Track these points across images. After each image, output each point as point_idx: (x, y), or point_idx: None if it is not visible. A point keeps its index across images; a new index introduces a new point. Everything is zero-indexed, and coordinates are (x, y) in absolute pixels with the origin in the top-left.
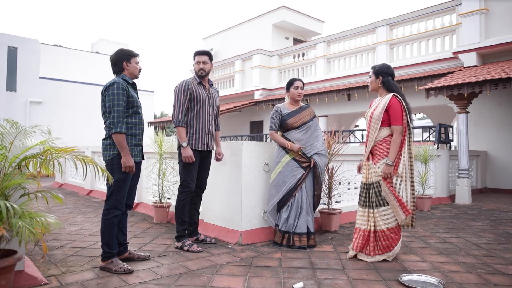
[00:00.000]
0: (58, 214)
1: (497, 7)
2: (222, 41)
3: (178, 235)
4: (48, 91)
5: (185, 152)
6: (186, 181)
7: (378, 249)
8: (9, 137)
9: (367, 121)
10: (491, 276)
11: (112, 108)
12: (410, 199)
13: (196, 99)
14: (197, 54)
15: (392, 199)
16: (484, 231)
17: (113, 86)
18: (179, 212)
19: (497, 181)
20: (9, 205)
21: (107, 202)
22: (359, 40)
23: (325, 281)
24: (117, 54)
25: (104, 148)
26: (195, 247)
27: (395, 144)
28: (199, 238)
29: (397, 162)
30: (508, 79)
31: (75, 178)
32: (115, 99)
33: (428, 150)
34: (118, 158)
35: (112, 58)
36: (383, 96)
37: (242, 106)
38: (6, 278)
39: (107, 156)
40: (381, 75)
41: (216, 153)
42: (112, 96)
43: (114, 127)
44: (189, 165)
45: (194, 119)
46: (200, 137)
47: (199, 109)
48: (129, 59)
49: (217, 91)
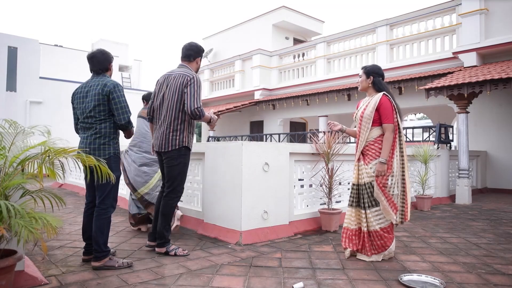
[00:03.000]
0: (58, 214)
1: (497, 7)
2: (222, 41)
3: (163, 242)
4: (48, 91)
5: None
6: (180, 186)
7: (374, 249)
8: (9, 137)
9: (357, 121)
10: (491, 276)
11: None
12: (400, 197)
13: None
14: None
15: (383, 199)
16: (484, 231)
17: (119, 87)
18: (168, 218)
19: (497, 181)
20: (9, 205)
21: (104, 202)
22: (359, 40)
23: (325, 281)
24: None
25: (98, 148)
26: (180, 250)
27: (388, 142)
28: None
29: (390, 161)
30: (508, 79)
31: (75, 178)
32: (124, 100)
33: (428, 150)
34: (114, 157)
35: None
36: (373, 96)
37: (242, 106)
38: (6, 278)
39: (103, 155)
40: (372, 75)
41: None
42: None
43: (130, 126)
44: (186, 167)
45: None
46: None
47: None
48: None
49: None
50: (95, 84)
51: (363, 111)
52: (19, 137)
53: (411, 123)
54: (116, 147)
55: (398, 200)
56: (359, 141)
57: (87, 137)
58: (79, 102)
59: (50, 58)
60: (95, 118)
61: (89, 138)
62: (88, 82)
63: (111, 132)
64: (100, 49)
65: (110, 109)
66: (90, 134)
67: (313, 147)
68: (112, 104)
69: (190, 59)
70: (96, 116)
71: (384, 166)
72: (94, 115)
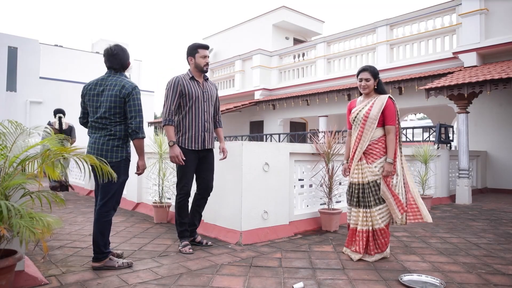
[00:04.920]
0: (58, 214)
1: (497, 7)
2: (222, 41)
3: (178, 236)
4: (48, 91)
5: (172, 151)
6: (180, 183)
7: (378, 248)
8: (11, 137)
9: (359, 121)
10: (491, 276)
11: (139, 113)
12: (404, 197)
13: (188, 96)
14: (202, 48)
15: (389, 197)
16: (484, 231)
17: (136, 90)
18: (176, 213)
19: (497, 181)
20: (10, 205)
21: (107, 204)
22: (359, 40)
23: (325, 281)
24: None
25: (111, 149)
26: (187, 249)
27: (393, 143)
28: (195, 239)
29: (394, 161)
30: (508, 79)
31: (75, 178)
32: (140, 104)
33: (428, 150)
34: (125, 161)
35: (120, 55)
36: (373, 97)
37: (242, 106)
38: (6, 278)
39: (115, 158)
40: (377, 77)
41: (220, 149)
42: (138, 101)
43: (141, 132)
44: (183, 166)
45: (187, 117)
46: (194, 135)
47: (191, 105)
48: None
49: (214, 86)
50: (112, 84)
51: (368, 111)
52: (21, 138)
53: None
54: (128, 150)
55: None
56: (360, 141)
57: (100, 137)
58: (91, 99)
59: (50, 58)
60: (110, 120)
61: (102, 139)
62: (103, 80)
63: (125, 135)
64: (118, 45)
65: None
66: (103, 134)
67: (313, 147)
68: (127, 107)
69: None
70: (111, 118)
71: (392, 166)
72: (109, 117)
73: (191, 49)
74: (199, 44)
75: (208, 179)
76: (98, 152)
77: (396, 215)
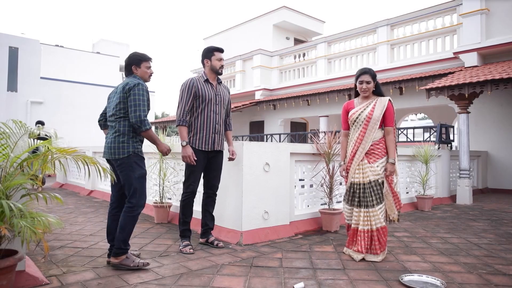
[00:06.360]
0: (59, 214)
1: (498, 7)
2: (222, 41)
3: (180, 235)
4: (49, 92)
5: (185, 151)
6: (187, 181)
7: (381, 247)
8: (14, 138)
9: (361, 122)
10: (492, 277)
11: (138, 107)
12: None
13: (202, 98)
14: (218, 51)
15: (390, 196)
16: (485, 232)
17: (138, 86)
18: (180, 212)
19: (498, 181)
20: (11, 204)
21: (130, 200)
22: (359, 40)
23: (326, 281)
24: (129, 58)
25: (117, 146)
26: (187, 249)
27: (393, 143)
28: (208, 239)
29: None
30: (509, 79)
31: (76, 178)
32: (141, 99)
33: (429, 150)
34: (135, 156)
35: (125, 62)
36: (373, 99)
37: (242, 106)
38: (7, 278)
39: (122, 154)
40: (376, 80)
41: (229, 151)
42: (138, 95)
43: (143, 125)
44: (192, 165)
45: (199, 118)
46: (205, 136)
47: (204, 107)
48: (139, 64)
49: (227, 89)
50: (121, 84)
51: (371, 113)
52: (24, 138)
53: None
54: (136, 146)
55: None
56: (362, 142)
57: (110, 136)
58: (108, 101)
59: (51, 58)
60: (115, 116)
61: (111, 138)
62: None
63: (129, 131)
64: (130, 53)
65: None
66: (111, 133)
67: (313, 147)
68: (128, 101)
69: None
70: (116, 114)
71: (394, 166)
72: (115, 113)
73: (207, 52)
74: (215, 47)
75: (213, 178)
76: (110, 151)
77: (394, 212)
